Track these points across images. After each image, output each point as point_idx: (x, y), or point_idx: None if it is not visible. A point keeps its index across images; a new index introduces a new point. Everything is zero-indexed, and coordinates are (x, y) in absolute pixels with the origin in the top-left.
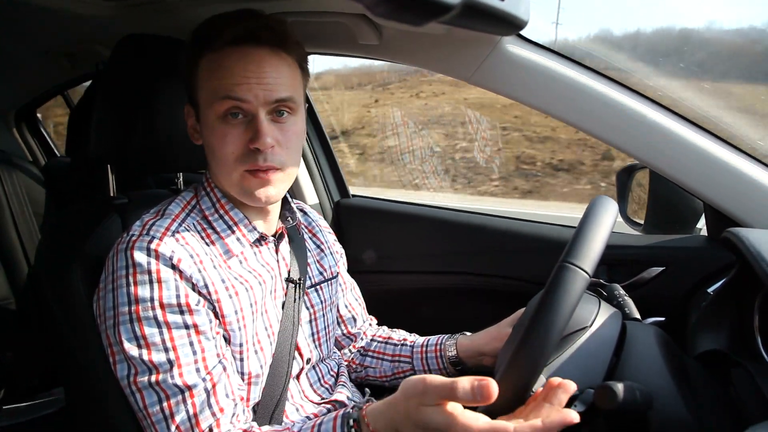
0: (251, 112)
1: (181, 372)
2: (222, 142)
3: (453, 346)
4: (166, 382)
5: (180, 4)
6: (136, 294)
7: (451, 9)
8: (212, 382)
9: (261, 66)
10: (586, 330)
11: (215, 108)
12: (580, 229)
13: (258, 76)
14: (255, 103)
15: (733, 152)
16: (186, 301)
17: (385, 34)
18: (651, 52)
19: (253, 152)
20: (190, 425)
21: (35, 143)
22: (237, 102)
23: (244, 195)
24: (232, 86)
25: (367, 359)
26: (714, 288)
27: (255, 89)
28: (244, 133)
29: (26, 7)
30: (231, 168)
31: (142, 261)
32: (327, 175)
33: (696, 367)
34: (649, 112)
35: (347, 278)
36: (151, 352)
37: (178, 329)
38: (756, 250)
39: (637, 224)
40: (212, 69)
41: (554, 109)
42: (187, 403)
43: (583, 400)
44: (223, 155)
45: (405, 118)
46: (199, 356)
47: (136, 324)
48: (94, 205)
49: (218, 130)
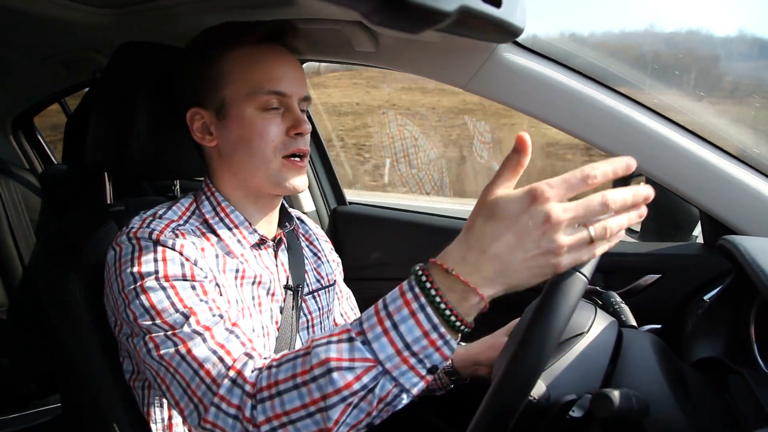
0: (288, 104)
1: (198, 319)
2: (264, 131)
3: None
4: (183, 332)
5: (177, 12)
6: (140, 271)
7: (447, 16)
8: (231, 321)
9: (292, 64)
10: (583, 335)
11: (256, 100)
12: None
13: (293, 74)
14: (295, 96)
15: (729, 160)
16: (192, 273)
17: (381, 42)
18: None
19: (293, 139)
20: (219, 358)
21: (32, 151)
22: (279, 96)
23: (277, 186)
24: (277, 80)
25: None
26: (710, 295)
27: (294, 84)
28: (281, 123)
29: (23, 15)
30: (270, 157)
31: (147, 244)
32: (324, 183)
33: (692, 375)
34: (645, 119)
35: (343, 287)
36: (163, 317)
37: (185, 290)
38: (752, 258)
39: (633, 232)
40: (246, 64)
41: (551, 117)
42: (207, 339)
43: (581, 406)
44: (263, 145)
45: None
46: (212, 304)
47: (143, 296)
48: (91, 212)
49: (258, 121)
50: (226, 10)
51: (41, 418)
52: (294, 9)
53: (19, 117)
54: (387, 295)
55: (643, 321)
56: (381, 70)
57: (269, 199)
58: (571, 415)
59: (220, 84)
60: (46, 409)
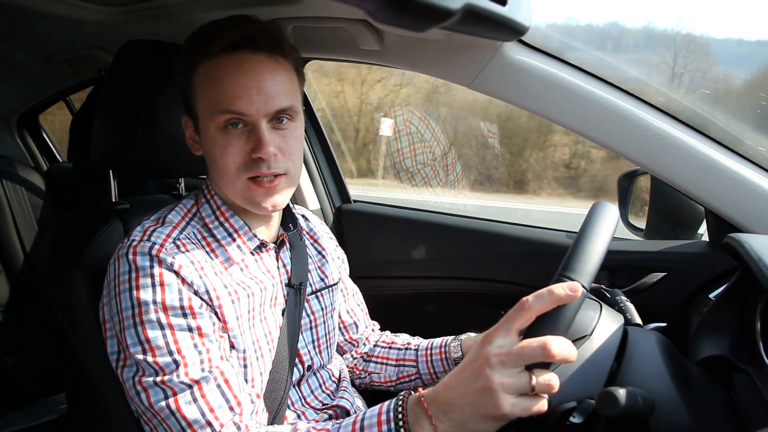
0: (252, 122)
1: (187, 371)
2: (224, 153)
3: (458, 348)
4: (172, 381)
5: (182, 10)
6: (138, 297)
7: (452, 14)
8: (223, 377)
9: (259, 74)
10: (586, 338)
11: (215, 120)
12: (578, 241)
13: (257, 86)
14: (256, 115)
15: (735, 158)
16: (189, 304)
17: (386, 40)
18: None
19: (256, 161)
20: (207, 422)
21: (37, 148)
22: (237, 115)
23: (249, 204)
24: (232, 99)
25: (371, 365)
26: (716, 293)
27: (255, 101)
28: (245, 143)
29: (28, 12)
30: (234, 178)
31: (144, 264)
32: (328, 181)
33: (698, 373)
34: (650, 117)
35: (349, 284)
36: (155, 355)
37: (181, 331)
38: (757, 256)
39: (638, 229)
40: (209, 79)
41: (555, 115)
42: (197, 398)
43: (582, 411)
44: (225, 166)
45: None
46: (205, 356)
47: (140, 328)
48: (96, 210)
49: (219, 141)
50: (231, 8)
51: (47, 416)
52: (299, 7)
53: (23, 115)
54: (368, 410)
55: (648, 319)
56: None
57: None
58: (572, 421)
59: (193, 98)
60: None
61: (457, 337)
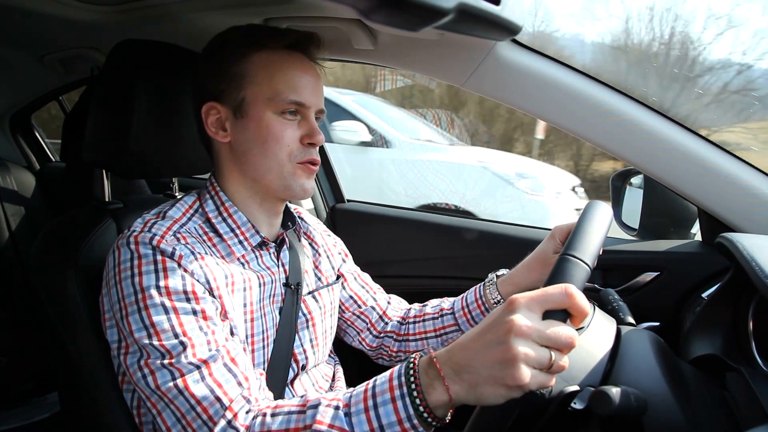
0: (305, 114)
1: (194, 352)
2: (280, 136)
3: (495, 291)
4: (180, 362)
5: (174, 10)
6: (141, 283)
7: (446, 14)
8: (229, 356)
9: (314, 76)
10: (583, 330)
11: (274, 105)
12: (578, 227)
13: (313, 85)
14: (312, 108)
15: (727, 158)
16: (192, 289)
17: (380, 40)
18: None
19: (307, 148)
20: (216, 398)
21: (30, 148)
22: (297, 105)
23: (289, 189)
24: (299, 89)
25: (410, 344)
26: (708, 293)
27: (312, 96)
28: (297, 129)
29: (21, 11)
30: (284, 161)
31: (146, 252)
32: (322, 180)
33: (691, 372)
34: (643, 117)
35: (352, 268)
36: (161, 339)
37: (186, 315)
38: (750, 255)
39: (631, 229)
40: (272, 68)
41: (549, 115)
42: (205, 376)
43: (583, 398)
44: (278, 149)
45: None
46: (211, 337)
47: (144, 313)
48: (89, 209)
49: (277, 126)
50: (223, 8)
51: (40, 414)
52: (292, 7)
53: (16, 114)
54: (380, 376)
55: (641, 318)
56: None
57: (274, 202)
58: (573, 407)
59: (242, 83)
60: (44, 406)
61: (489, 281)
